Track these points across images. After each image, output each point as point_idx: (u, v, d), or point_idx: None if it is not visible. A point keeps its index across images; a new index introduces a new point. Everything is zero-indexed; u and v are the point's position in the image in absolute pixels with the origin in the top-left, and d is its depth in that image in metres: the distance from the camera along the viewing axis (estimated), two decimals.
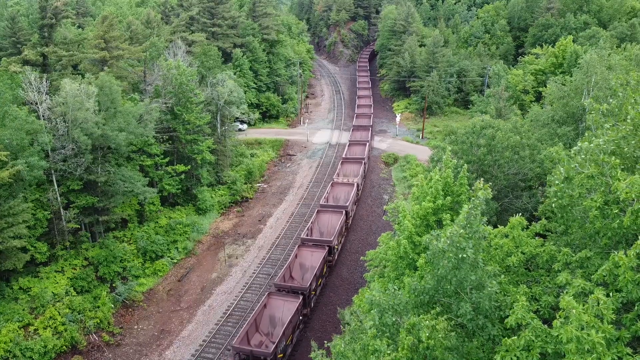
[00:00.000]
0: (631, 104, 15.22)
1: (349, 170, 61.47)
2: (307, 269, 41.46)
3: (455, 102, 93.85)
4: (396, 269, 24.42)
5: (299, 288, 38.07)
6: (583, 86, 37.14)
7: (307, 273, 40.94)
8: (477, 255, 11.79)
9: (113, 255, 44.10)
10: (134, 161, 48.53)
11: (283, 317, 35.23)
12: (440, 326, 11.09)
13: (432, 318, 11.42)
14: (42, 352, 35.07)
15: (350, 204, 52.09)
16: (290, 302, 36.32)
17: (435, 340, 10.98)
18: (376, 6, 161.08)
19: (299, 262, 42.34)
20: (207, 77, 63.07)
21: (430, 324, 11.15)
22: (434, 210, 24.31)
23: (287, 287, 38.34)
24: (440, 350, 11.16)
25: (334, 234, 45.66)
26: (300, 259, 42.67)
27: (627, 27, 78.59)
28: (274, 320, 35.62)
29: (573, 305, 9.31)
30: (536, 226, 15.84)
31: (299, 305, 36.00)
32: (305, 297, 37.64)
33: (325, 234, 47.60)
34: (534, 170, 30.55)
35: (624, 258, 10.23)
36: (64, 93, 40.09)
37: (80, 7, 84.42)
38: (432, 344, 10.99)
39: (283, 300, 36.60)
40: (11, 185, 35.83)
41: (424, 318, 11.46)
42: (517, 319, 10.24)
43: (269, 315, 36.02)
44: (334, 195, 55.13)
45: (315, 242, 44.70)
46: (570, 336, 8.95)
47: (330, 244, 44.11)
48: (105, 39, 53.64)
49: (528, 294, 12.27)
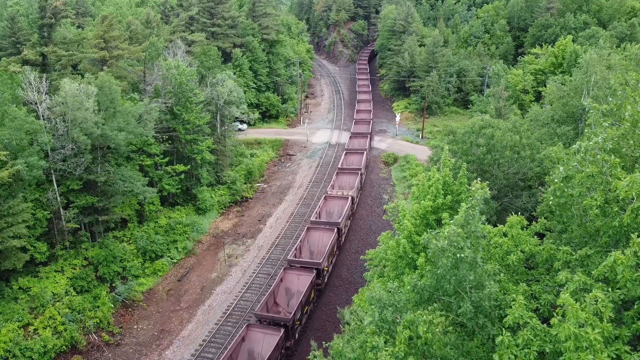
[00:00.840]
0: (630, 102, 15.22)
1: (345, 182, 57.90)
2: (293, 294, 38.13)
3: (455, 102, 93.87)
4: (396, 268, 24.44)
5: (282, 319, 34.65)
6: (583, 86, 37.12)
7: (293, 299, 37.57)
8: (476, 254, 11.79)
9: (113, 255, 44.09)
10: (134, 161, 48.53)
11: (263, 353, 31.94)
12: (437, 320, 11.11)
13: (429, 313, 11.44)
14: (41, 352, 35.06)
15: (343, 219, 48.21)
16: (271, 335, 32.88)
17: (433, 334, 11.00)
18: (376, 6, 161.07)
19: (284, 287, 38.98)
20: (206, 77, 63.07)
21: (427, 319, 11.16)
22: (434, 209, 24.34)
23: (269, 317, 35.07)
24: (438, 345, 11.19)
25: (324, 254, 41.87)
26: (286, 283, 39.24)
27: (626, 27, 78.58)
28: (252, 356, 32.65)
29: (570, 302, 9.30)
30: (536, 225, 15.85)
31: (279, 340, 32.50)
32: (289, 328, 34.27)
33: (315, 254, 43.98)
34: (533, 169, 30.53)
35: (622, 257, 10.23)
36: (63, 93, 40.09)
37: (79, 7, 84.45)
38: (430, 338, 11.00)
39: (263, 333, 33.28)
40: (11, 185, 35.81)
41: (421, 313, 11.47)
42: (514, 319, 10.24)
43: (247, 350, 33.02)
44: (327, 210, 51.46)
45: (303, 264, 41.11)
46: (568, 334, 8.95)
47: (319, 266, 40.45)
48: (105, 39, 53.66)
49: (528, 293, 12.28)
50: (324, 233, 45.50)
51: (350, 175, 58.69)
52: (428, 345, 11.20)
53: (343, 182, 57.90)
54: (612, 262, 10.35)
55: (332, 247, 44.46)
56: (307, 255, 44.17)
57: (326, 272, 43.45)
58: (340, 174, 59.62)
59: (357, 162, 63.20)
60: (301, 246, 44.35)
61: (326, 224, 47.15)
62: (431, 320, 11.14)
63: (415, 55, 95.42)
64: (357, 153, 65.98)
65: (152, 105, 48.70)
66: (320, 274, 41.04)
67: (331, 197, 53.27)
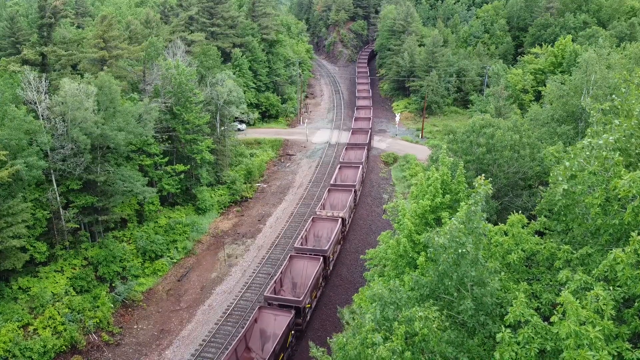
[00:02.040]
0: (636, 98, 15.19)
1: (337, 201, 52.31)
2: (269, 337, 34.06)
3: (454, 102, 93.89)
4: (396, 267, 24.45)
5: None
6: (582, 85, 37.12)
7: (268, 343, 33.62)
8: (478, 251, 11.78)
9: (112, 255, 44.05)
10: (134, 161, 48.50)
11: None
12: (432, 315, 11.13)
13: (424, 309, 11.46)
14: (41, 352, 35.02)
15: (331, 245, 42.73)
16: None
17: (429, 330, 11.02)
18: (375, 6, 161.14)
19: (259, 328, 34.77)
20: (206, 76, 63.04)
21: (423, 315, 11.17)
22: (433, 208, 24.35)
23: None
24: (435, 340, 11.20)
25: (306, 290, 37.35)
26: (261, 324, 34.89)
27: (626, 27, 78.63)
28: None
29: (570, 300, 9.29)
30: (536, 224, 15.84)
31: None
32: None
33: (299, 285, 39.67)
34: (534, 169, 30.52)
35: (622, 255, 10.23)
36: (63, 92, 40.06)
37: (79, 7, 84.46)
38: (426, 333, 11.01)
39: None
40: (10, 185, 35.78)
41: (417, 310, 11.48)
42: (515, 316, 10.24)
43: None
44: (315, 233, 45.99)
45: (281, 302, 36.60)
46: (568, 332, 8.93)
47: (299, 304, 35.98)
48: (105, 39, 53.63)
49: (528, 291, 12.27)
50: (309, 262, 41.16)
51: (343, 193, 52.72)
52: (425, 342, 11.22)
53: (335, 200, 52.51)
54: (612, 261, 10.35)
55: (317, 279, 39.38)
56: (288, 290, 39.90)
57: (308, 310, 38.44)
58: (333, 191, 53.34)
59: (352, 178, 56.71)
60: (282, 278, 39.93)
61: (312, 251, 42.24)
62: (426, 316, 11.16)
63: (414, 55, 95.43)
64: (352, 167, 60.41)
65: (152, 105, 48.67)
66: (300, 313, 36.41)
67: (320, 219, 47.52)
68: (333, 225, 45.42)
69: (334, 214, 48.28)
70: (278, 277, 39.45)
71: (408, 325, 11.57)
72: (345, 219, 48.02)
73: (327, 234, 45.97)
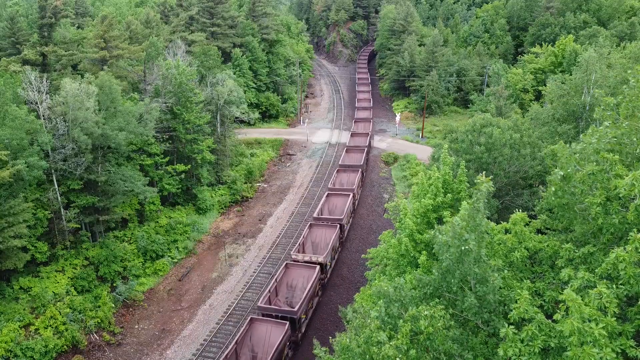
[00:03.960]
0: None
1: (319, 237, 45.81)
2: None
3: (454, 102, 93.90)
4: (397, 266, 24.45)
5: None
6: (583, 84, 37.14)
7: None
8: (480, 248, 11.81)
9: (113, 254, 44.08)
10: (134, 161, 48.51)
11: None
12: (438, 314, 11.13)
13: (430, 308, 11.46)
14: (42, 352, 35.06)
15: (301, 305, 36.06)
16: None
17: (435, 328, 11.03)
18: (375, 6, 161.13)
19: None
20: (206, 76, 63.06)
21: (429, 314, 11.18)
22: (434, 207, 24.35)
23: None
24: (440, 339, 11.21)
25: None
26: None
27: (626, 26, 78.66)
28: None
29: (573, 297, 9.32)
30: (537, 222, 15.88)
31: None
32: None
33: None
34: (534, 168, 30.54)
35: (623, 254, 10.25)
36: (64, 92, 40.08)
37: (79, 7, 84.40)
38: (431, 332, 11.02)
39: None
40: (11, 185, 35.80)
41: (423, 308, 11.48)
42: (519, 313, 10.26)
43: None
44: (289, 282, 39.95)
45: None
46: (572, 329, 8.96)
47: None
48: (105, 39, 53.67)
49: (532, 289, 12.30)
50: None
51: (326, 229, 46.71)
52: (431, 340, 11.24)
53: (317, 237, 46.61)
54: (615, 259, 10.37)
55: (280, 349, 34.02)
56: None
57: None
58: (314, 226, 47.47)
59: (340, 208, 51.00)
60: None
61: (278, 312, 36.95)
62: (432, 314, 11.16)
63: (414, 55, 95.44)
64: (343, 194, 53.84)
65: (152, 105, 48.70)
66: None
67: (294, 266, 41.46)
68: (310, 273, 40.04)
69: (311, 257, 42.57)
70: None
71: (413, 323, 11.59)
72: (324, 265, 42.60)
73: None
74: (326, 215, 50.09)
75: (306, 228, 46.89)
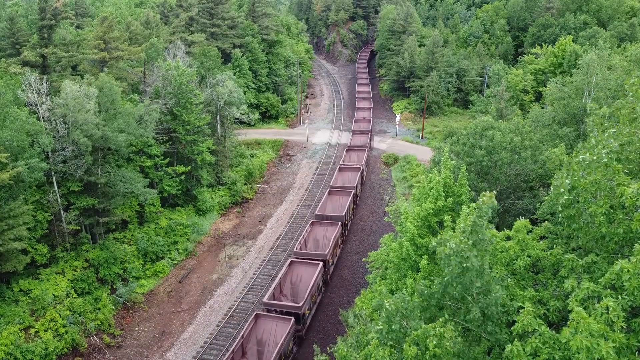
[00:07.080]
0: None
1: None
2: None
3: (454, 102, 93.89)
4: (398, 270, 24.42)
5: None
6: (583, 87, 37.12)
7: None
8: (483, 262, 11.71)
9: (113, 256, 44.02)
10: (134, 162, 48.44)
11: None
12: (448, 334, 10.89)
13: (440, 325, 11.20)
14: (43, 355, 35.01)
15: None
16: None
17: (442, 349, 10.84)
18: (375, 6, 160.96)
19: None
20: (206, 77, 62.97)
21: (438, 332, 10.94)
22: (435, 211, 24.31)
23: None
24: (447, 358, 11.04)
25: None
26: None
27: (627, 27, 78.65)
28: None
29: (583, 315, 9.22)
30: (540, 229, 15.82)
31: None
32: None
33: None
34: (535, 171, 30.52)
35: (628, 266, 10.19)
36: (64, 94, 40.00)
37: (79, 7, 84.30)
38: (440, 353, 10.86)
39: None
40: (11, 187, 35.74)
41: (432, 327, 11.24)
42: (523, 326, 10.20)
43: None
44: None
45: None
46: (580, 346, 8.90)
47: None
48: (105, 40, 53.57)
49: (535, 298, 12.23)
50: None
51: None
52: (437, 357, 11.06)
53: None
54: (619, 271, 10.32)
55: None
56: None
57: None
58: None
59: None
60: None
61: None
62: (442, 333, 10.90)
63: (414, 55, 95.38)
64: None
65: (152, 106, 48.60)
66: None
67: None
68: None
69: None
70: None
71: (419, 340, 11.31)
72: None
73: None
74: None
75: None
